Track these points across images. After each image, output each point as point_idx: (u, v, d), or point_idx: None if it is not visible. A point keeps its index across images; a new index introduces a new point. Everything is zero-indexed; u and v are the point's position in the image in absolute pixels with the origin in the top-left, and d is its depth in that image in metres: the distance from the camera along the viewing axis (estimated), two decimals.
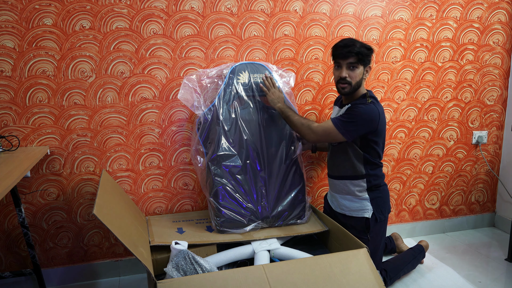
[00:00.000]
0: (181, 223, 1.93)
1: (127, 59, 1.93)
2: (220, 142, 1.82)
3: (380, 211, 1.84)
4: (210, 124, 1.84)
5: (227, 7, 2.00)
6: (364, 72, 1.77)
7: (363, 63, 1.74)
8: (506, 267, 2.16)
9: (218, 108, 1.83)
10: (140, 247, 1.44)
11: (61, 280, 2.03)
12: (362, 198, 1.84)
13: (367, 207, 1.83)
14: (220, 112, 1.83)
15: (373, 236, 1.84)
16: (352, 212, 1.87)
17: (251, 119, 1.89)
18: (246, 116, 1.88)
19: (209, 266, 1.53)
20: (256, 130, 1.89)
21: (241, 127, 1.86)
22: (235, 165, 1.84)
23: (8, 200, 1.91)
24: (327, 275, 1.43)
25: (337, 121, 1.73)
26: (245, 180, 1.86)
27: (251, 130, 1.88)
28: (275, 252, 1.73)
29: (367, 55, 1.74)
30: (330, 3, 2.13)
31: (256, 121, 1.89)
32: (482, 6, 2.36)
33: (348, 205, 1.88)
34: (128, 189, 2.05)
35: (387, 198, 1.89)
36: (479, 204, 2.65)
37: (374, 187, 1.84)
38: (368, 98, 1.76)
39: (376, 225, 1.84)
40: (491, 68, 2.47)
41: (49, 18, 1.81)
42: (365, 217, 1.83)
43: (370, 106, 1.72)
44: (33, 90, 1.86)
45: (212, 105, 1.83)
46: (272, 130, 1.92)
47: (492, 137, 2.56)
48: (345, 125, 1.71)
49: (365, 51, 1.72)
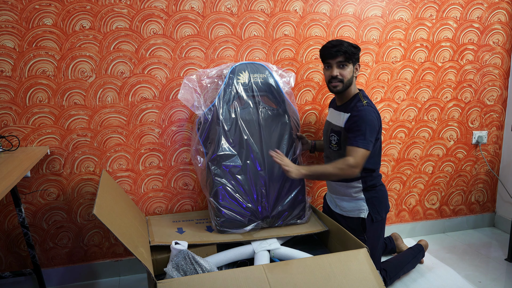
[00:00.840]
0: (181, 223, 1.93)
1: (127, 59, 1.93)
2: (220, 142, 1.82)
3: (376, 211, 1.84)
4: (210, 124, 1.84)
5: (227, 7, 2.00)
6: (354, 70, 1.80)
7: (352, 61, 1.78)
8: (506, 267, 2.16)
9: (218, 108, 1.83)
10: (140, 247, 1.44)
11: (61, 280, 2.03)
12: (358, 198, 1.84)
13: (363, 207, 1.84)
14: (220, 112, 1.82)
15: (369, 236, 1.84)
16: (349, 213, 1.87)
17: (251, 119, 1.89)
18: (246, 116, 1.88)
19: (209, 266, 1.53)
20: (256, 130, 1.89)
21: (241, 127, 1.86)
22: (235, 165, 1.84)
23: (8, 200, 1.91)
24: (327, 275, 1.43)
25: (359, 141, 1.69)
26: (245, 180, 1.86)
27: (251, 130, 1.88)
28: (275, 252, 1.73)
29: (354, 54, 1.77)
30: (330, 3, 2.13)
31: (256, 121, 1.89)
32: (482, 6, 2.36)
33: (345, 205, 1.88)
34: (128, 189, 2.05)
35: (384, 198, 1.89)
36: (479, 204, 2.65)
37: (369, 187, 1.84)
38: (363, 100, 1.78)
39: (373, 225, 1.84)
40: (491, 68, 2.47)
41: (49, 18, 1.81)
42: (361, 217, 1.84)
43: (369, 108, 1.74)
44: (33, 90, 1.86)
45: (212, 105, 1.83)
46: (272, 130, 1.92)
47: (492, 137, 2.56)
48: (366, 139, 1.69)
49: (352, 49, 1.76)
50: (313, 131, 2.26)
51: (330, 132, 1.88)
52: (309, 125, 2.25)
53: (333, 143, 1.86)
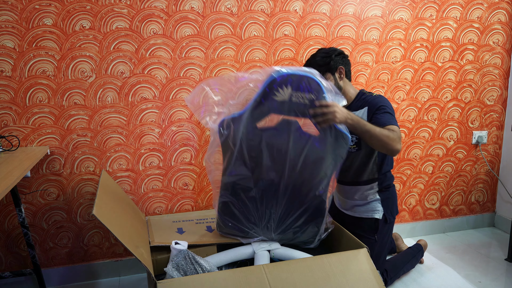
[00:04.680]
0: (181, 223, 1.93)
1: (127, 59, 1.93)
2: (237, 160, 1.58)
3: (389, 212, 1.84)
4: (229, 135, 1.57)
5: (227, 7, 2.00)
6: (336, 77, 1.75)
7: (328, 70, 1.74)
8: (506, 267, 2.16)
9: (244, 121, 1.53)
10: (140, 247, 1.44)
11: (61, 280, 2.03)
12: (374, 199, 1.84)
13: (378, 208, 1.83)
14: (244, 126, 1.54)
15: (380, 236, 1.84)
16: (362, 213, 1.86)
17: (279, 143, 1.57)
18: (274, 139, 1.56)
19: (209, 266, 1.53)
20: (282, 156, 1.58)
21: (265, 149, 1.57)
22: (247, 186, 1.63)
23: (8, 200, 1.91)
24: (327, 275, 1.43)
25: (393, 122, 1.61)
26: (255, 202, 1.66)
27: (275, 154, 1.58)
28: (275, 252, 1.73)
29: (327, 63, 1.72)
30: (330, 3, 2.13)
31: (284, 147, 1.57)
32: (482, 6, 2.36)
33: (358, 207, 1.87)
34: (128, 189, 2.05)
35: (395, 199, 1.90)
36: (479, 204, 2.65)
37: (384, 188, 1.84)
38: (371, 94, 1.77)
39: (385, 226, 1.84)
40: (491, 68, 2.47)
41: (49, 18, 1.81)
42: (374, 217, 1.83)
43: (381, 96, 1.74)
44: (33, 90, 1.86)
45: (239, 114, 1.54)
46: (302, 160, 1.58)
47: (492, 137, 2.56)
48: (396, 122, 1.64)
49: (324, 60, 1.72)
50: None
51: None
52: None
53: (350, 144, 1.76)
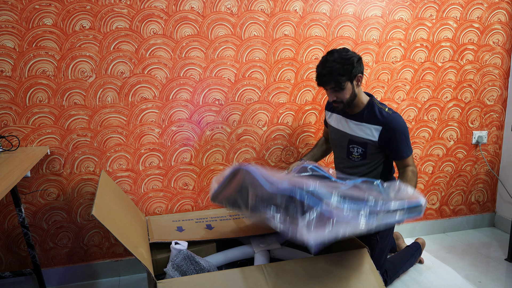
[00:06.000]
0: (181, 222, 1.93)
1: (127, 59, 1.93)
2: None
3: None
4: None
5: (227, 7, 2.00)
6: (353, 85, 1.71)
7: (349, 80, 1.69)
8: (506, 267, 2.15)
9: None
10: (140, 247, 1.44)
11: (61, 280, 2.03)
12: None
13: None
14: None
15: (382, 236, 1.84)
16: None
17: None
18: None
19: (209, 266, 1.53)
20: None
21: None
22: None
23: (8, 200, 1.91)
24: (327, 275, 1.43)
25: (407, 151, 1.76)
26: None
27: None
28: (275, 252, 1.73)
29: (347, 72, 1.66)
30: (330, 3, 2.13)
31: None
32: (482, 6, 2.36)
33: None
34: (128, 189, 2.05)
35: None
36: (479, 204, 2.65)
37: None
38: (382, 106, 1.77)
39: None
40: (491, 68, 2.47)
41: (49, 18, 1.81)
42: None
43: (396, 115, 1.75)
44: (33, 90, 1.86)
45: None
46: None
47: (492, 137, 2.56)
48: (408, 144, 1.76)
49: (342, 69, 1.64)
50: (313, 131, 2.26)
51: (349, 143, 1.82)
52: (309, 125, 2.25)
53: (355, 154, 1.81)
